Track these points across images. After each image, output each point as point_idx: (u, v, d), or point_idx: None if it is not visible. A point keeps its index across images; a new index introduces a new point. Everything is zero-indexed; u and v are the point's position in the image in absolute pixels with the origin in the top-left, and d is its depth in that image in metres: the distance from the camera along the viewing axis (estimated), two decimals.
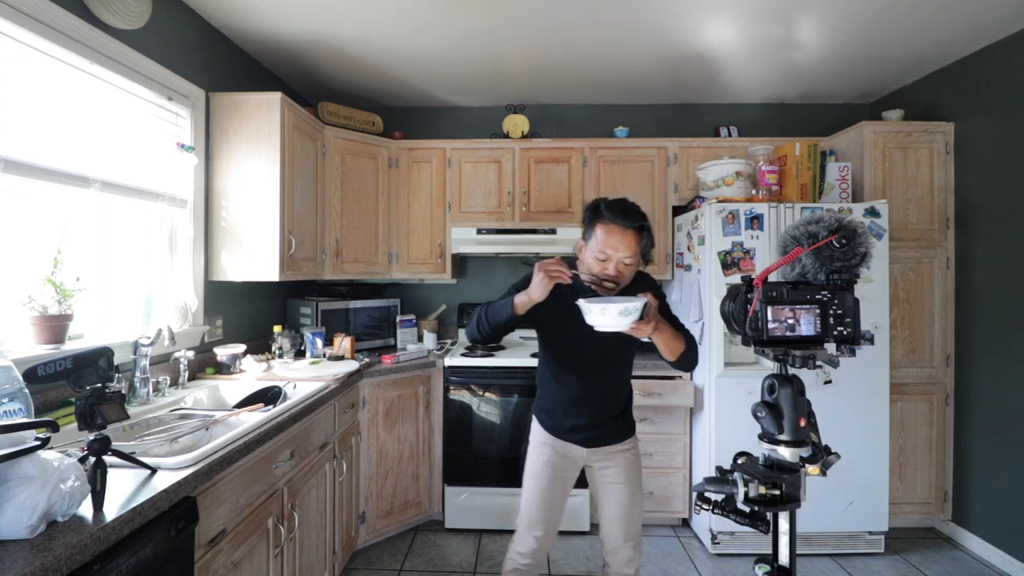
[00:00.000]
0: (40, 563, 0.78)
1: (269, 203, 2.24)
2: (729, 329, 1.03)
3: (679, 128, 3.27)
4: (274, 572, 1.54)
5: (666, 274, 3.00)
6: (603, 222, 1.37)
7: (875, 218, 2.42)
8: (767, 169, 2.62)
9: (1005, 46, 2.39)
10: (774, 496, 0.91)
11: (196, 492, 1.18)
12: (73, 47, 1.59)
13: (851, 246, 0.94)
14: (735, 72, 2.85)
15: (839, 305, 0.95)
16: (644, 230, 1.38)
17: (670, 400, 2.57)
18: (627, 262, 1.37)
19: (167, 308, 2.07)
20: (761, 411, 0.96)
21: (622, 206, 1.37)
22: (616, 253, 1.36)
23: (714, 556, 2.45)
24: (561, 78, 2.95)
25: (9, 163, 1.40)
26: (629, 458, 1.61)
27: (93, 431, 1.00)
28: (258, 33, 2.41)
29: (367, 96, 3.21)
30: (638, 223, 1.36)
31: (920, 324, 2.65)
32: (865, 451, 2.41)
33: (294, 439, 1.71)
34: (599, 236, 1.37)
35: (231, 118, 2.26)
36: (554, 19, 2.27)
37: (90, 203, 1.69)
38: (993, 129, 2.45)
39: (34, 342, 1.46)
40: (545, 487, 1.59)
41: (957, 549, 2.54)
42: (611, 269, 1.37)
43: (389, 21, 2.30)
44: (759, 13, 2.21)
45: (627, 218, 1.35)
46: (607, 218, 1.36)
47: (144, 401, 1.71)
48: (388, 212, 3.00)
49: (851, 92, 3.13)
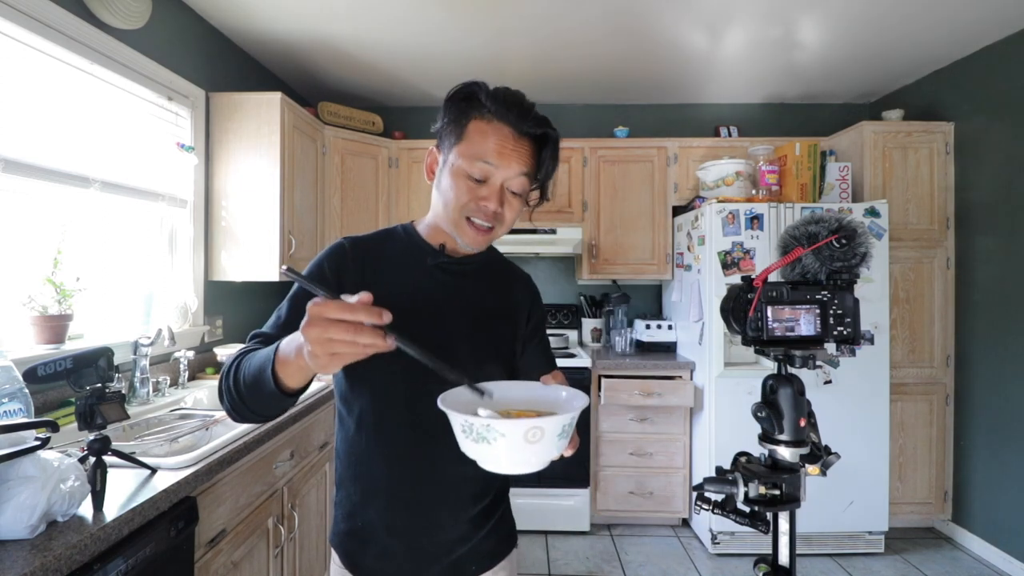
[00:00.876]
0: (40, 563, 0.78)
1: (269, 203, 2.24)
2: (729, 329, 1.03)
3: (679, 128, 3.27)
4: (274, 572, 1.54)
5: (666, 274, 3.00)
6: (481, 116, 0.78)
7: (875, 218, 2.42)
8: (767, 169, 2.62)
9: (1005, 46, 2.39)
10: (774, 496, 0.91)
11: (196, 492, 1.18)
12: (73, 47, 1.59)
13: (851, 246, 0.94)
14: (735, 72, 2.85)
15: (839, 305, 0.95)
16: (548, 141, 0.82)
17: (670, 400, 2.57)
18: (516, 188, 0.80)
19: (167, 308, 2.07)
20: (761, 411, 0.96)
21: (513, 96, 0.80)
22: (502, 169, 0.77)
23: (714, 556, 2.45)
24: (561, 78, 2.95)
25: (9, 163, 1.40)
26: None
27: (93, 431, 1.00)
28: (258, 33, 2.41)
29: (367, 96, 3.21)
30: (539, 128, 0.80)
31: (920, 324, 2.65)
32: (865, 451, 2.41)
33: (294, 439, 1.71)
34: (473, 137, 0.78)
35: (231, 118, 2.26)
36: (554, 19, 2.27)
37: (90, 203, 1.69)
38: (993, 129, 2.45)
39: (34, 342, 1.47)
40: None
41: (957, 549, 2.54)
42: (492, 202, 0.78)
43: (391, 25, 2.30)
44: (759, 13, 2.21)
45: (523, 117, 0.78)
46: (490, 111, 0.78)
47: (144, 401, 1.71)
48: (388, 212, 3.00)
49: (851, 92, 3.13)
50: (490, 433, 0.56)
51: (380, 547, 0.82)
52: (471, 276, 0.88)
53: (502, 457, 0.58)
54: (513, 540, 0.94)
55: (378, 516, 0.82)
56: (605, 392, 2.58)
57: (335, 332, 0.52)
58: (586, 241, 3.00)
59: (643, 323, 3.00)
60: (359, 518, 0.83)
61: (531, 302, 0.96)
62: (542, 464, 0.60)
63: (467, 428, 0.58)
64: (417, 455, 0.80)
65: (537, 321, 0.96)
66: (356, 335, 0.52)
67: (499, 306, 0.90)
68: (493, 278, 0.92)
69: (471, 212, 0.79)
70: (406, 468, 0.81)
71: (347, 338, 0.52)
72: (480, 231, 0.80)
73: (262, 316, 2.77)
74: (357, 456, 0.84)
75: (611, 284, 3.37)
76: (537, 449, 0.57)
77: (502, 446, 0.56)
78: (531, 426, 0.55)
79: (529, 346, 0.94)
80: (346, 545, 0.85)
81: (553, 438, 0.58)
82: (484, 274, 0.90)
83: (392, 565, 0.82)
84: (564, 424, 0.58)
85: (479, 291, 0.88)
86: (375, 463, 0.82)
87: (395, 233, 0.89)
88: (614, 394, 2.58)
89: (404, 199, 3.01)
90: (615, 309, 3.14)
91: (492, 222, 0.80)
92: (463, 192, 0.78)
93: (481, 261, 0.90)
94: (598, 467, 2.70)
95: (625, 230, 3.01)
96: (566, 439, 0.60)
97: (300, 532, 1.74)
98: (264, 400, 0.67)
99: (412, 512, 0.81)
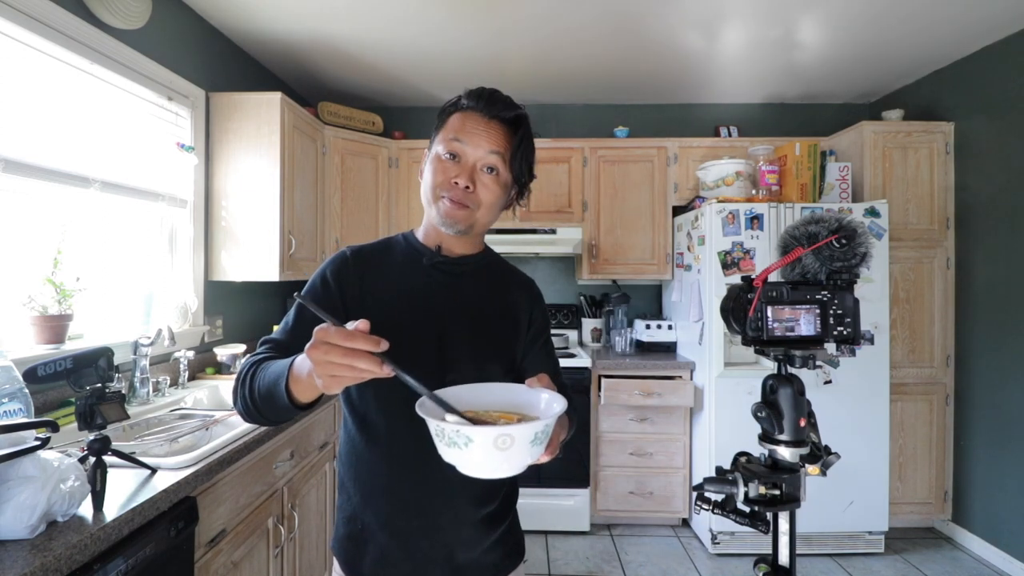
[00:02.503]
0: (40, 563, 0.78)
1: (269, 203, 2.24)
2: (729, 329, 1.03)
3: (679, 128, 3.27)
4: (274, 572, 1.54)
5: (666, 274, 3.00)
6: (458, 110, 0.86)
7: (875, 218, 2.42)
8: (767, 169, 2.62)
9: (1005, 46, 2.39)
10: (774, 496, 0.91)
11: (196, 492, 1.18)
12: (73, 47, 1.59)
13: (851, 246, 0.94)
14: (735, 72, 2.85)
15: (839, 305, 0.95)
16: (519, 125, 0.85)
17: (670, 400, 2.57)
18: (489, 164, 0.82)
19: (167, 308, 2.07)
20: (761, 411, 0.96)
21: (486, 90, 0.86)
22: (472, 147, 0.82)
23: (714, 556, 2.45)
24: (561, 78, 2.95)
25: (9, 163, 1.40)
26: None
27: (93, 431, 1.00)
28: (258, 33, 2.41)
29: (367, 96, 3.21)
30: (509, 112, 0.84)
31: (920, 324, 2.65)
32: (865, 451, 2.41)
33: (294, 439, 1.71)
34: (449, 126, 0.84)
35: (231, 118, 2.26)
36: (554, 19, 2.27)
37: (90, 203, 1.69)
38: (993, 129, 2.45)
39: (34, 342, 1.47)
40: None
41: (957, 549, 2.54)
42: (462, 179, 0.81)
43: (391, 25, 2.30)
44: (759, 13, 2.21)
45: (492, 104, 0.84)
46: (464, 105, 0.85)
47: (144, 401, 1.71)
48: (388, 212, 3.00)
49: (851, 92, 3.13)
50: (460, 438, 0.57)
51: (379, 550, 0.82)
52: (469, 276, 0.90)
53: (476, 462, 0.58)
54: (520, 554, 0.93)
55: (376, 517, 0.83)
56: (605, 392, 2.58)
57: (335, 356, 0.56)
58: (586, 241, 3.00)
59: (643, 323, 3.00)
60: (359, 520, 0.84)
61: (532, 305, 0.96)
62: (517, 469, 0.60)
63: (439, 433, 0.59)
64: (418, 457, 0.79)
65: (539, 324, 0.96)
66: (353, 360, 0.56)
67: (498, 307, 0.91)
68: (492, 279, 0.93)
69: (444, 189, 0.82)
70: (406, 469, 0.82)
71: (345, 362, 0.56)
72: (455, 205, 0.82)
73: (262, 316, 2.77)
74: (359, 457, 0.85)
75: (611, 284, 3.37)
76: (509, 455, 0.57)
77: (474, 451, 0.57)
78: (500, 433, 0.56)
79: (532, 349, 0.94)
80: (346, 550, 0.85)
81: (525, 445, 0.58)
82: (482, 275, 0.92)
83: (390, 569, 0.82)
84: (536, 431, 0.58)
85: (477, 291, 0.89)
86: (376, 464, 0.83)
87: (395, 240, 0.93)
88: (614, 394, 2.58)
89: (404, 199, 3.01)
90: (615, 309, 3.14)
91: (465, 200, 0.82)
92: (438, 172, 0.83)
93: (479, 262, 0.92)
94: (598, 467, 2.70)
95: (625, 230, 3.01)
96: (540, 446, 0.60)
97: (300, 532, 1.74)
98: (277, 411, 0.71)
99: (411, 513, 0.82)
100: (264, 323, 2.77)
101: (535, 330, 0.95)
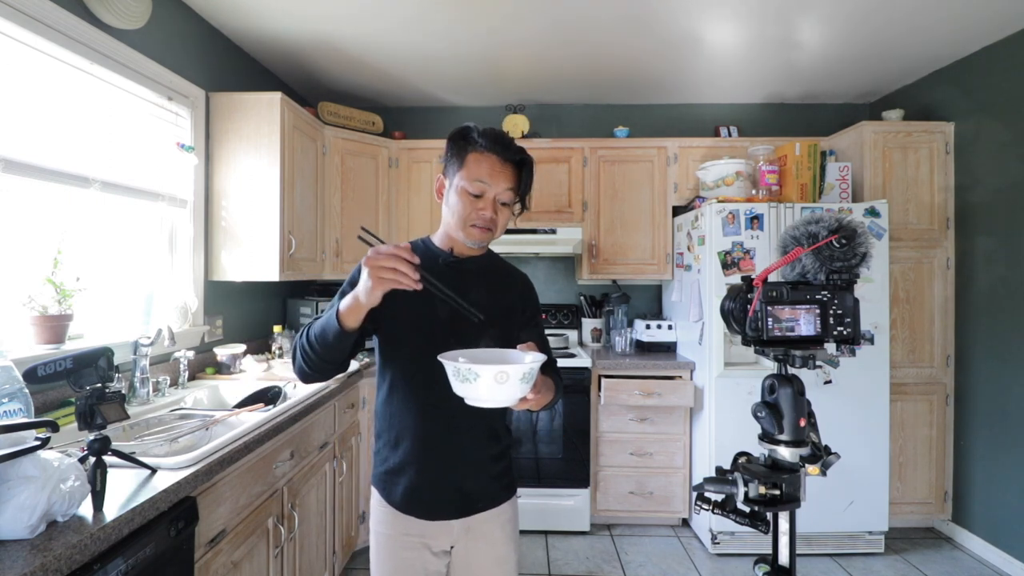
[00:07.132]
0: (40, 563, 0.78)
1: (269, 203, 2.24)
2: (729, 329, 1.03)
3: (679, 128, 3.27)
4: (274, 572, 1.54)
5: (666, 274, 3.00)
6: (476, 150, 1.07)
7: (875, 218, 2.42)
8: (767, 169, 2.62)
9: (1005, 46, 2.39)
10: (774, 496, 0.91)
11: (196, 492, 1.18)
12: (73, 47, 1.59)
13: (851, 246, 0.94)
14: (735, 72, 2.85)
15: (839, 305, 0.95)
16: (525, 165, 1.10)
17: (670, 400, 2.57)
18: (504, 200, 1.08)
19: (167, 308, 2.07)
20: (761, 411, 0.96)
21: (498, 134, 1.08)
22: (493, 187, 1.06)
23: (714, 556, 2.45)
24: (561, 78, 2.95)
25: (9, 163, 1.40)
26: (509, 531, 1.16)
27: (93, 431, 1.00)
28: (258, 33, 2.41)
29: (367, 96, 3.21)
30: (518, 156, 1.09)
31: (920, 324, 2.65)
32: (865, 451, 2.41)
33: (294, 439, 1.71)
34: (471, 165, 1.06)
35: (231, 118, 2.26)
36: (553, 19, 2.27)
37: (90, 203, 1.69)
38: (993, 129, 2.45)
39: (34, 342, 1.46)
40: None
41: (957, 549, 2.54)
42: (488, 211, 1.06)
43: (392, 27, 2.30)
44: (759, 13, 2.21)
45: (506, 148, 1.07)
46: (481, 145, 1.06)
47: (144, 401, 1.71)
48: (388, 212, 3.00)
49: (851, 92, 3.13)
50: (471, 375, 0.81)
51: (409, 482, 1.07)
52: (475, 273, 1.14)
53: (481, 393, 0.82)
54: (513, 490, 1.19)
55: (407, 457, 1.08)
56: (605, 392, 2.58)
57: (384, 261, 0.83)
58: (586, 241, 3.00)
59: (643, 323, 3.00)
60: (392, 460, 1.09)
61: (525, 295, 1.22)
62: (512, 400, 0.84)
63: (455, 372, 0.83)
64: (441, 406, 1.03)
65: (532, 310, 1.22)
66: (396, 263, 0.83)
67: (499, 296, 1.15)
68: (494, 274, 1.18)
69: (473, 220, 1.07)
70: (430, 418, 1.07)
71: (390, 264, 0.83)
72: (481, 231, 1.08)
73: (262, 316, 2.77)
74: (392, 409, 1.10)
75: (611, 284, 3.37)
76: (506, 388, 0.82)
77: (480, 384, 0.81)
78: (499, 370, 0.81)
79: (525, 331, 1.17)
80: (383, 482, 1.11)
81: (516, 381, 0.82)
82: (486, 271, 1.17)
83: (417, 495, 1.07)
84: (524, 371, 0.82)
85: (483, 284, 1.13)
86: (406, 414, 1.08)
87: (415, 244, 1.16)
88: (614, 394, 2.58)
89: (404, 199, 3.01)
90: (615, 309, 3.14)
91: (490, 225, 1.08)
92: (467, 205, 1.06)
93: (483, 262, 1.17)
94: (598, 467, 2.70)
95: (625, 230, 3.01)
96: (528, 384, 0.85)
97: (300, 532, 1.74)
98: (329, 343, 0.94)
99: (437, 453, 1.07)
100: (264, 323, 2.77)
101: (528, 315, 1.20)
